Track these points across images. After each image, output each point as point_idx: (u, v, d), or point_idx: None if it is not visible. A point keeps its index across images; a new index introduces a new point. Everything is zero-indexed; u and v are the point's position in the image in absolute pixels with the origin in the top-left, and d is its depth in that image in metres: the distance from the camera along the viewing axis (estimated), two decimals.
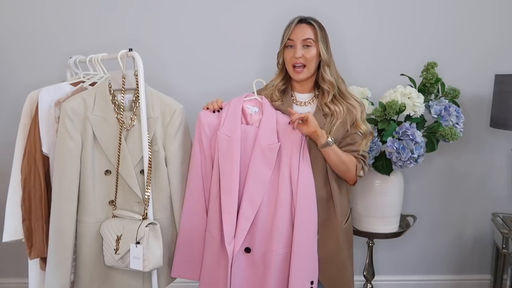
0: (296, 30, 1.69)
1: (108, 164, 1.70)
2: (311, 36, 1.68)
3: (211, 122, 1.69)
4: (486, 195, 2.49)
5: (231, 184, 1.62)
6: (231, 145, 1.64)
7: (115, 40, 2.30)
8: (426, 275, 2.58)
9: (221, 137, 1.66)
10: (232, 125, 1.66)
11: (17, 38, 2.33)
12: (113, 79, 1.69)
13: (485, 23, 2.33)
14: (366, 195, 2.09)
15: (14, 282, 2.53)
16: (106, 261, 1.69)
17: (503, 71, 2.26)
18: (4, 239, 1.81)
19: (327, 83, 1.69)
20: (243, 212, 1.62)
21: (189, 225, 1.73)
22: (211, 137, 1.69)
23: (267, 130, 1.64)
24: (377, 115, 1.97)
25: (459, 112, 2.02)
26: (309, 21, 1.70)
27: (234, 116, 1.67)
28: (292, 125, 1.62)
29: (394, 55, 2.35)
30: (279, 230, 1.61)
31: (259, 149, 1.62)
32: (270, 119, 1.66)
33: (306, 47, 1.68)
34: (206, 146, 1.69)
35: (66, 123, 1.64)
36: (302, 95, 1.77)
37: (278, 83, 1.77)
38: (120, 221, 1.68)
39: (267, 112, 1.67)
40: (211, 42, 2.34)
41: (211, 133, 1.69)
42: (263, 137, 1.63)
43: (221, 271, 1.66)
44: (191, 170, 1.72)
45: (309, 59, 1.67)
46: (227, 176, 1.63)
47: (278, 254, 1.62)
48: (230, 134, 1.65)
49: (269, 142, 1.63)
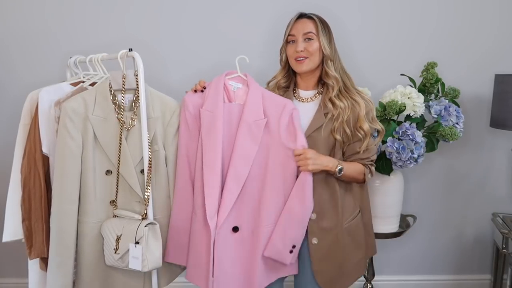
0: (297, 24, 1.69)
1: (109, 164, 1.70)
2: (312, 30, 1.67)
3: (195, 101, 1.69)
4: (486, 195, 2.49)
5: (214, 159, 1.59)
6: (213, 120, 1.62)
7: (115, 40, 2.30)
8: (426, 275, 2.58)
9: (203, 114, 1.65)
10: (214, 101, 1.65)
11: (17, 38, 2.33)
12: (114, 79, 1.69)
13: (485, 23, 2.33)
14: None
15: (14, 282, 2.53)
16: (106, 261, 1.69)
17: (503, 71, 2.26)
18: (4, 239, 1.81)
19: (332, 78, 1.68)
20: (228, 187, 1.59)
21: (178, 209, 1.72)
22: (196, 115, 1.68)
23: (253, 105, 1.63)
24: (377, 115, 1.97)
25: (459, 112, 2.02)
26: (310, 16, 1.70)
27: (216, 92, 1.66)
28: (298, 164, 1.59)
29: (394, 55, 2.35)
30: (268, 205, 1.60)
31: (245, 125, 1.61)
32: (255, 94, 1.64)
33: (307, 40, 1.67)
34: (192, 125, 1.69)
35: (66, 123, 1.63)
36: (305, 92, 1.75)
37: (280, 79, 1.77)
38: (120, 221, 1.68)
39: (252, 88, 1.66)
40: (210, 42, 2.34)
41: (195, 111, 1.68)
42: (249, 112, 1.62)
43: (206, 251, 1.63)
44: (178, 153, 1.72)
45: (311, 52, 1.67)
46: (210, 152, 1.61)
47: (267, 230, 1.60)
48: (212, 109, 1.64)
49: (255, 118, 1.61)
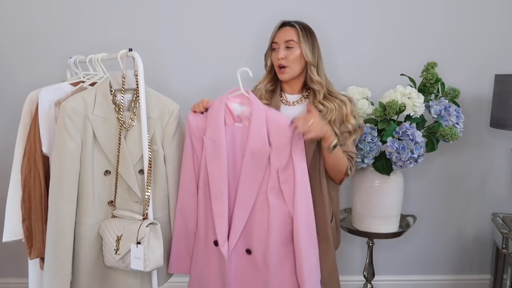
0: (279, 33, 1.73)
1: (107, 164, 1.69)
2: (293, 38, 1.71)
3: (199, 124, 1.68)
4: (486, 195, 2.49)
5: (220, 189, 1.62)
6: (216, 149, 1.63)
7: (115, 40, 2.30)
8: (426, 275, 2.58)
9: (206, 142, 1.65)
10: (215, 127, 1.64)
11: (17, 38, 2.33)
12: (114, 79, 1.69)
13: (485, 23, 2.33)
14: (366, 195, 2.09)
15: (14, 282, 2.53)
16: (106, 262, 1.69)
17: (503, 71, 2.26)
18: (4, 239, 1.81)
19: (316, 83, 1.72)
20: (237, 215, 1.63)
21: (182, 222, 1.75)
22: (199, 138, 1.68)
23: (258, 132, 1.60)
24: (377, 115, 1.97)
25: (459, 112, 2.02)
26: (292, 24, 1.74)
27: (217, 117, 1.64)
28: (294, 130, 1.56)
29: (394, 55, 2.35)
30: (275, 228, 1.61)
31: (250, 154, 1.60)
32: (259, 119, 1.61)
33: (288, 48, 1.71)
34: (197, 148, 1.69)
35: (66, 123, 1.61)
36: (291, 95, 1.79)
37: (266, 84, 1.80)
38: (120, 221, 1.68)
39: (256, 111, 1.61)
40: (211, 42, 2.34)
41: (200, 134, 1.68)
42: (254, 140, 1.60)
43: (212, 272, 1.69)
44: (183, 170, 1.73)
45: (291, 60, 1.70)
46: (216, 181, 1.63)
47: (277, 252, 1.62)
48: (214, 137, 1.63)
49: (260, 146, 1.60)
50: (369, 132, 1.96)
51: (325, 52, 1.82)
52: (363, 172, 2.10)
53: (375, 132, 1.97)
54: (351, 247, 2.51)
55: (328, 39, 2.04)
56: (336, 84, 1.82)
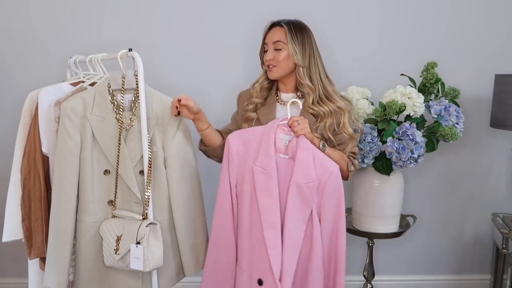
0: (269, 33, 1.75)
1: (107, 164, 1.70)
2: (280, 38, 1.70)
3: (239, 148, 1.60)
4: (486, 195, 2.49)
5: (273, 218, 1.52)
6: (268, 179, 1.54)
7: (115, 40, 2.30)
8: (426, 275, 2.58)
9: (257, 170, 1.56)
10: (267, 156, 1.55)
11: (17, 38, 2.33)
12: (113, 79, 1.69)
13: (485, 23, 2.33)
14: (366, 195, 2.09)
15: (14, 282, 2.53)
16: (106, 262, 1.69)
17: (503, 71, 2.26)
18: (4, 239, 1.82)
19: (305, 86, 1.70)
20: (288, 254, 1.52)
21: (218, 255, 1.66)
22: (238, 165, 1.61)
23: (304, 165, 1.53)
24: (377, 115, 1.97)
25: (459, 112, 2.02)
26: (281, 24, 1.72)
27: (267, 147, 1.56)
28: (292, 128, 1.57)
29: (395, 55, 2.35)
30: (314, 271, 1.56)
31: (296, 187, 1.53)
32: (306, 154, 1.55)
33: (276, 50, 1.71)
34: (232, 173, 1.61)
35: (65, 122, 1.64)
36: (285, 94, 1.79)
37: (262, 81, 1.81)
38: (120, 221, 1.68)
39: (302, 145, 1.55)
40: (211, 42, 2.34)
41: (239, 160, 1.61)
42: (300, 173, 1.53)
43: None
44: (219, 198, 1.64)
45: (279, 61, 1.70)
46: (269, 210, 1.53)
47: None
48: (266, 167, 1.54)
49: (307, 180, 1.53)
50: (369, 132, 1.96)
51: (325, 52, 1.82)
52: (363, 172, 2.10)
53: (375, 132, 1.97)
54: (351, 247, 2.49)
55: (328, 39, 2.04)
56: (336, 84, 1.80)
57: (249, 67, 2.28)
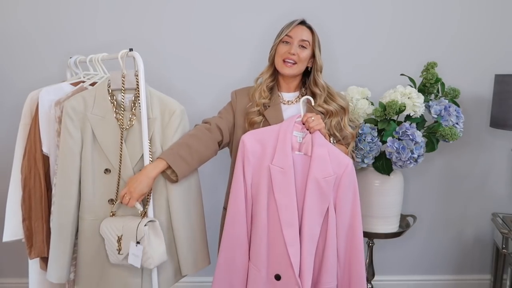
0: (297, 29, 1.74)
1: (107, 163, 1.70)
2: (308, 39, 1.74)
3: (255, 148, 1.60)
4: (486, 195, 2.49)
5: (292, 216, 1.54)
6: (285, 177, 1.55)
7: (115, 40, 2.30)
8: (426, 275, 2.58)
9: (274, 170, 1.56)
10: (283, 155, 1.56)
11: (17, 38, 2.33)
12: (113, 79, 1.70)
13: (485, 23, 2.33)
14: (366, 195, 2.09)
15: (14, 282, 2.53)
16: (111, 260, 1.70)
17: (503, 71, 2.26)
18: (4, 239, 1.82)
19: (320, 86, 1.76)
20: (306, 247, 1.54)
21: (231, 255, 1.65)
22: (254, 165, 1.61)
23: (321, 160, 1.55)
24: (377, 115, 1.97)
25: (459, 112, 2.02)
26: (310, 26, 1.77)
27: (284, 145, 1.57)
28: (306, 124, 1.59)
29: (394, 55, 2.35)
30: (328, 263, 1.58)
31: (314, 182, 1.54)
32: (322, 147, 1.57)
33: (301, 47, 1.73)
34: (247, 173, 1.61)
35: (66, 121, 1.66)
36: (287, 94, 1.80)
37: (267, 78, 1.79)
38: (119, 220, 1.68)
39: (317, 139, 1.58)
40: (211, 42, 2.34)
41: (255, 160, 1.61)
42: (318, 168, 1.55)
43: None
44: (232, 197, 1.63)
45: (302, 59, 1.73)
46: (288, 209, 1.54)
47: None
48: (283, 165, 1.56)
49: (324, 174, 1.54)
50: (369, 132, 1.96)
51: (326, 52, 1.82)
52: (363, 172, 2.10)
53: (375, 132, 1.97)
54: None
55: (328, 39, 2.04)
56: (336, 84, 1.83)
57: (249, 67, 2.29)
